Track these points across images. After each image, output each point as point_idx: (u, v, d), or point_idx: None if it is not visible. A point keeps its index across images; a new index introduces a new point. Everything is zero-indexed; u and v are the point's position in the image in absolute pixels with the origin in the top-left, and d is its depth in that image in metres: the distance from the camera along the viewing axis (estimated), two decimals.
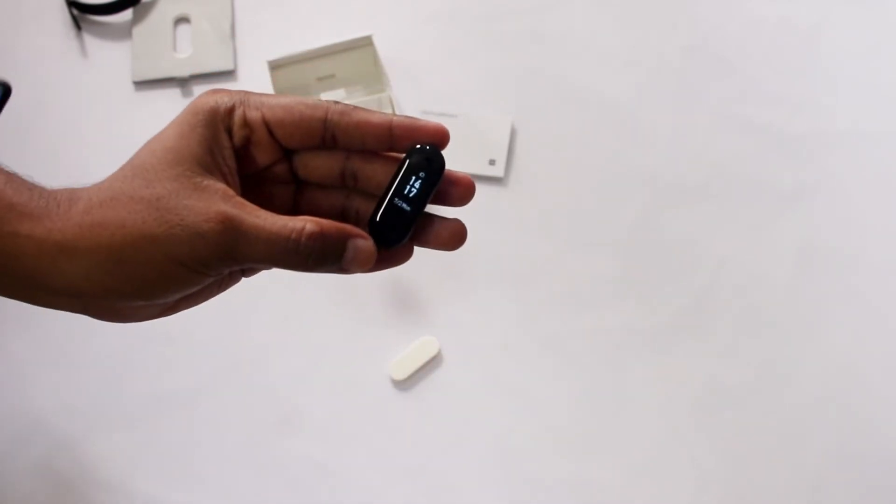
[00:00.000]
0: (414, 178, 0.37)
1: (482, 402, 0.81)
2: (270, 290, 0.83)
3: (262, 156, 0.37)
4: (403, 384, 0.81)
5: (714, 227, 0.83)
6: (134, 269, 0.33)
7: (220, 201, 0.34)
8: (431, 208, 0.39)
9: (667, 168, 0.85)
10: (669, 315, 0.82)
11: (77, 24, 0.90)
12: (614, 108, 0.87)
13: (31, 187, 0.35)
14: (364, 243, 0.36)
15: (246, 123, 0.36)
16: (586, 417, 0.80)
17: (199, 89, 0.89)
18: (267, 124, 0.36)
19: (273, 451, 0.80)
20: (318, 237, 0.35)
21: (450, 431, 0.80)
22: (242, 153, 0.37)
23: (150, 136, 0.37)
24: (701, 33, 0.88)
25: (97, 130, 0.89)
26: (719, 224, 0.83)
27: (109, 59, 0.90)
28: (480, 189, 0.88)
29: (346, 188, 0.39)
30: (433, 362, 0.81)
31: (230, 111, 0.36)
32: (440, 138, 0.37)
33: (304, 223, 0.35)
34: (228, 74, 0.89)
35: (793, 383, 0.80)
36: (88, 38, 0.91)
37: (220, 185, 0.35)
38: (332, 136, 0.37)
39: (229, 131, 0.36)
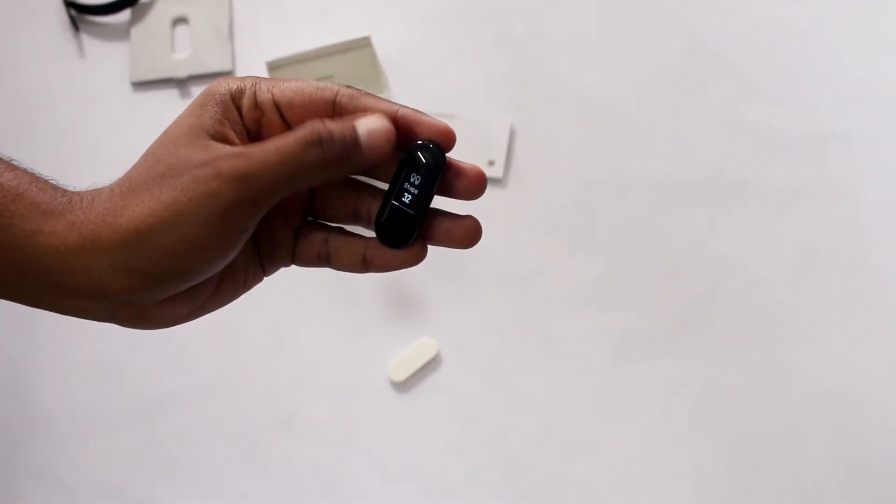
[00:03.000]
0: (413, 176, 0.36)
1: (481, 403, 0.81)
2: (269, 290, 0.82)
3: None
4: (402, 385, 0.81)
5: (714, 229, 0.83)
6: (157, 243, 0.33)
7: (227, 149, 0.34)
8: (446, 204, 0.38)
9: (666, 169, 0.85)
10: (669, 316, 0.81)
11: (75, 25, 0.90)
12: (614, 108, 0.86)
13: (55, 187, 0.35)
14: (374, 120, 0.35)
15: (257, 105, 0.36)
16: (585, 419, 0.80)
17: (197, 90, 0.89)
18: (277, 105, 0.36)
19: (271, 452, 0.80)
20: (327, 131, 0.34)
21: (449, 433, 0.80)
22: (255, 137, 0.36)
23: (149, 137, 0.36)
24: (701, 33, 0.88)
25: (95, 131, 0.88)
26: (719, 225, 0.83)
27: (107, 59, 0.90)
28: None
29: (358, 187, 0.38)
30: (432, 363, 0.81)
31: (241, 92, 0.36)
32: (444, 138, 0.36)
33: (309, 124, 0.34)
34: (227, 75, 0.89)
35: (792, 385, 0.80)
36: (86, 39, 0.91)
37: (228, 145, 0.35)
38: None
39: (239, 111, 0.36)
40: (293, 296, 0.83)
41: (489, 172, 0.85)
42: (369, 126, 0.35)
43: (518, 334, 0.82)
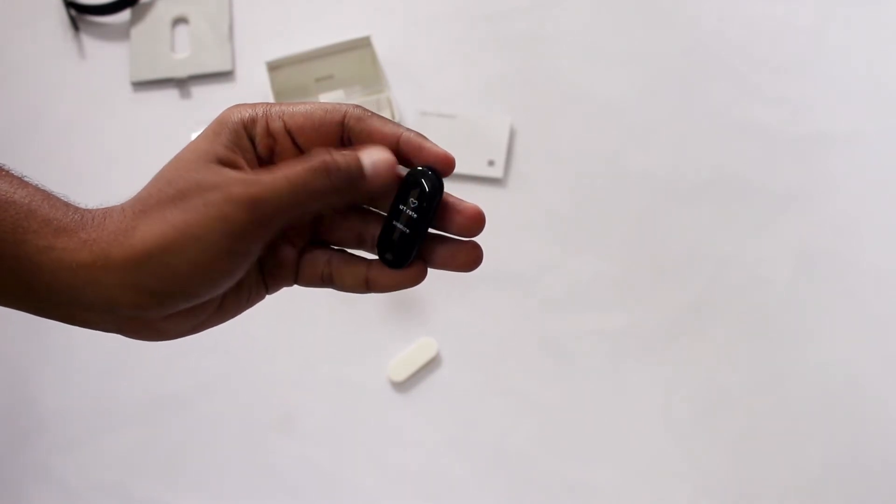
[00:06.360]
0: (412, 200, 0.37)
1: (481, 403, 0.81)
2: None
3: None
4: (402, 386, 0.81)
5: (713, 229, 0.83)
6: (166, 264, 0.34)
7: (237, 175, 0.35)
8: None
9: (666, 169, 0.85)
10: (668, 317, 0.81)
11: (75, 25, 0.90)
12: (614, 108, 0.86)
13: (67, 205, 0.36)
14: (377, 151, 0.36)
15: (269, 133, 0.37)
16: (585, 419, 0.80)
17: (197, 90, 0.89)
18: (289, 132, 0.37)
19: (271, 452, 0.80)
20: (333, 161, 0.35)
21: (448, 433, 0.80)
22: (268, 164, 0.37)
23: (149, 137, 0.37)
24: (701, 33, 0.88)
25: (95, 131, 0.88)
26: (719, 225, 0.83)
27: (107, 59, 0.90)
28: (479, 190, 0.88)
29: (363, 212, 0.39)
30: (432, 364, 0.81)
31: (253, 122, 0.37)
32: (443, 164, 0.37)
33: (316, 153, 0.35)
34: (227, 75, 0.89)
35: (792, 385, 0.80)
36: (86, 39, 0.91)
37: (239, 171, 0.36)
38: (349, 139, 0.38)
39: (252, 140, 0.37)
40: (293, 296, 0.82)
41: (489, 172, 0.85)
42: (373, 157, 0.36)
43: (518, 334, 0.82)
